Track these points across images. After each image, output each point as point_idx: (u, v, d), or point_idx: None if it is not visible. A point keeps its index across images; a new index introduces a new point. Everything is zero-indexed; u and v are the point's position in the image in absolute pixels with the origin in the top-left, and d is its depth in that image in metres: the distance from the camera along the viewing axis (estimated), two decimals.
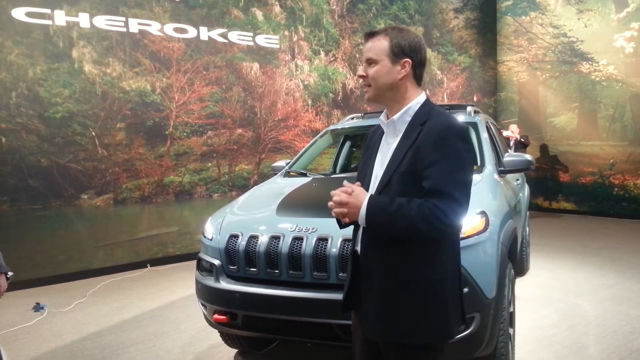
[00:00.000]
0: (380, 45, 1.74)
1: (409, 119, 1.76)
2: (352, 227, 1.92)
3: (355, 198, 1.66)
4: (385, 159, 1.77)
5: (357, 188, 1.70)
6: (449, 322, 1.73)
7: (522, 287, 4.96)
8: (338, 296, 2.65)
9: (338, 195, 1.68)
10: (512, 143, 8.80)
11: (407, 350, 1.73)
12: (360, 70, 1.78)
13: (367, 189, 1.79)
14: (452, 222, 1.61)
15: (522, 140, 8.93)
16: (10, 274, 2.25)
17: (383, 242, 1.70)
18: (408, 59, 1.74)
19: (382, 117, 1.87)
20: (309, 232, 2.82)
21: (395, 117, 1.78)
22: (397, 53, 1.73)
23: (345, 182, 1.73)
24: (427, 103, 1.79)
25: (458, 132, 1.68)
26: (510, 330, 3.14)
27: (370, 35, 1.78)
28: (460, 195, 1.63)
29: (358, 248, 1.82)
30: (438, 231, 1.60)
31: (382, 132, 1.88)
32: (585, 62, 9.36)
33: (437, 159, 1.63)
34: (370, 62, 1.75)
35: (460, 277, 1.82)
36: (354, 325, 1.99)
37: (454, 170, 1.63)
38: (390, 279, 1.70)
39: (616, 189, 9.05)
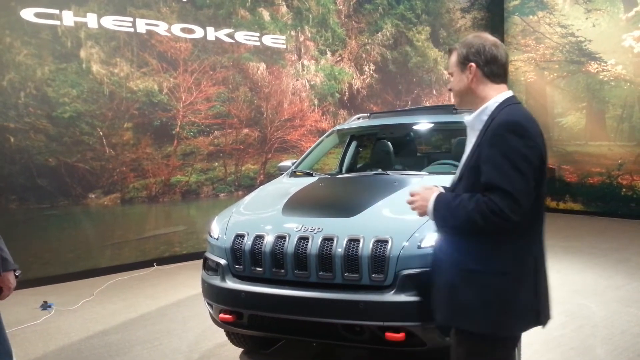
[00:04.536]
0: (452, 59, 1.96)
1: (485, 117, 1.86)
2: (357, 225, 2.00)
3: (425, 193, 1.89)
4: (465, 156, 1.93)
5: (433, 187, 1.91)
6: (509, 315, 1.79)
7: None
8: (343, 296, 2.67)
9: (413, 190, 1.95)
10: None
11: (472, 338, 1.83)
12: (449, 84, 2.02)
13: None
14: (508, 215, 1.67)
15: None
16: (18, 271, 2.26)
17: (450, 235, 1.88)
18: (472, 63, 1.88)
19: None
20: (315, 232, 2.83)
21: (470, 117, 1.93)
22: (462, 61, 1.91)
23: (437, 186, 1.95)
24: (505, 101, 1.87)
25: (513, 128, 1.74)
26: None
27: (449, 52, 2.01)
28: (515, 189, 1.67)
29: None
30: (495, 224, 1.69)
31: None
32: (593, 62, 9.30)
33: (491, 154, 1.73)
34: (450, 74, 1.98)
35: (533, 272, 1.83)
36: None
37: (507, 165, 1.70)
38: (455, 268, 1.84)
39: (624, 190, 8.98)
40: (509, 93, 1.89)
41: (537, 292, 1.83)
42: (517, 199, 1.67)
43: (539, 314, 1.85)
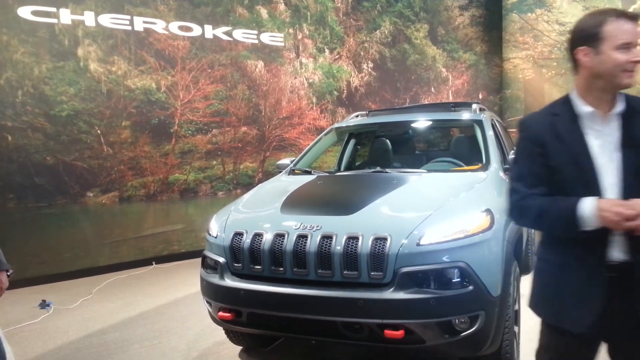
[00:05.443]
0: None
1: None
2: (356, 223, 1.92)
3: None
4: (616, 149, 1.70)
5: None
6: None
7: (528, 285, 4.93)
8: (342, 294, 2.67)
9: (627, 208, 1.55)
10: None
11: None
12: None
13: (579, 181, 1.71)
14: None
15: None
16: (10, 271, 2.24)
17: None
18: None
19: (585, 107, 1.77)
20: (314, 230, 2.82)
21: (620, 105, 1.74)
22: None
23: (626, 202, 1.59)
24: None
25: None
26: (515, 328, 3.14)
27: (635, 19, 1.70)
28: None
29: (616, 254, 1.72)
30: None
31: (570, 121, 1.80)
32: None
33: None
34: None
35: None
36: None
37: None
38: None
39: None
40: None
41: None
42: None
43: None
